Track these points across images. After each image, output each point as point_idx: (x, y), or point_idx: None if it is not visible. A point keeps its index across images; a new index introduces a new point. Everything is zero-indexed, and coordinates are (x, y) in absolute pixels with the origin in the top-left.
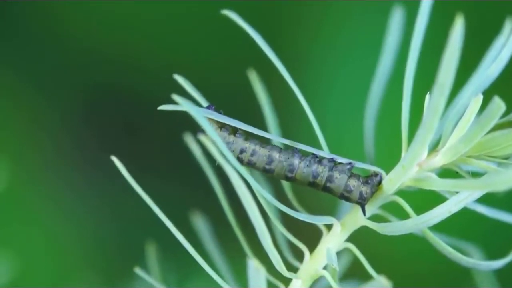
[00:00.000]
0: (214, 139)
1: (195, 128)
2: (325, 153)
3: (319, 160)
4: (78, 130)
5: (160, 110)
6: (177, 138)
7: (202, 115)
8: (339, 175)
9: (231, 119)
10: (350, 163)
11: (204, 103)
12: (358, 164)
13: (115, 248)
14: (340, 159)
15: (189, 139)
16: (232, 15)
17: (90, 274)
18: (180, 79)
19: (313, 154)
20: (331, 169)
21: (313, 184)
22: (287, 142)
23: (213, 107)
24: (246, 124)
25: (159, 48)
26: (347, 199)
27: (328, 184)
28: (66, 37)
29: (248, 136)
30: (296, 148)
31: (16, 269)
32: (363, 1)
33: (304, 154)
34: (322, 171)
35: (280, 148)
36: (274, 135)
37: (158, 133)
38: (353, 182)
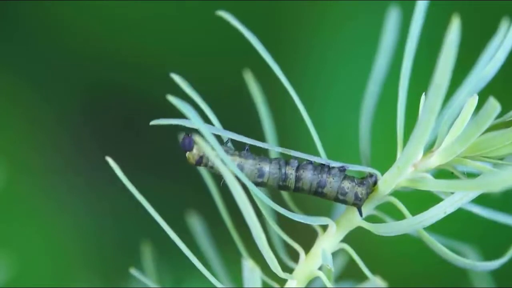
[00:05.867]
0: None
1: (192, 128)
2: (317, 158)
3: (312, 165)
4: (77, 130)
5: (159, 111)
6: (177, 138)
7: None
8: (333, 179)
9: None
10: (342, 166)
11: (201, 102)
12: (353, 166)
13: (113, 248)
14: (333, 163)
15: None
16: (227, 16)
17: (89, 274)
18: (177, 78)
19: (307, 160)
20: (323, 174)
21: (303, 190)
22: (280, 149)
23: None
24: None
25: (159, 48)
26: (343, 201)
27: (320, 190)
28: (65, 37)
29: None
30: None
31: (14, 269)
32: (363, 1)
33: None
34: (314, 177)
35: (270, 160)
36: (262, 143)
37: (158, 133)
38: (347, 184)
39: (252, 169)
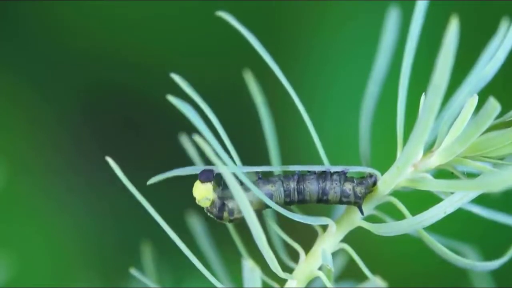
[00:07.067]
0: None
1: (192, 128)
2: (317, 167)
3: (311, 176)
4: (77, 130)
5: (159, 111)
6: (177, 137)
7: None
8: (334, 184)
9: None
10: (343, 170)
11: (201, 102)
12: (353, 167)
13: (113, 248)
14: (333, 168)
15: (184, 140)
16: (226, 16)
17: (89, 274)
18: (177, 78)
19: (308, 171)
20: (326, 182)
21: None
22: (278, 168)
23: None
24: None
25: (159, 48)
26: (344, 202)
27: (325, 197)
28: (65, 37)
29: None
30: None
31: (14, 269)
32: (363, 1)
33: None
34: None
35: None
36: (263, 167)
37: (158, 133)
38: (348, 186)
39: (280, 191)
